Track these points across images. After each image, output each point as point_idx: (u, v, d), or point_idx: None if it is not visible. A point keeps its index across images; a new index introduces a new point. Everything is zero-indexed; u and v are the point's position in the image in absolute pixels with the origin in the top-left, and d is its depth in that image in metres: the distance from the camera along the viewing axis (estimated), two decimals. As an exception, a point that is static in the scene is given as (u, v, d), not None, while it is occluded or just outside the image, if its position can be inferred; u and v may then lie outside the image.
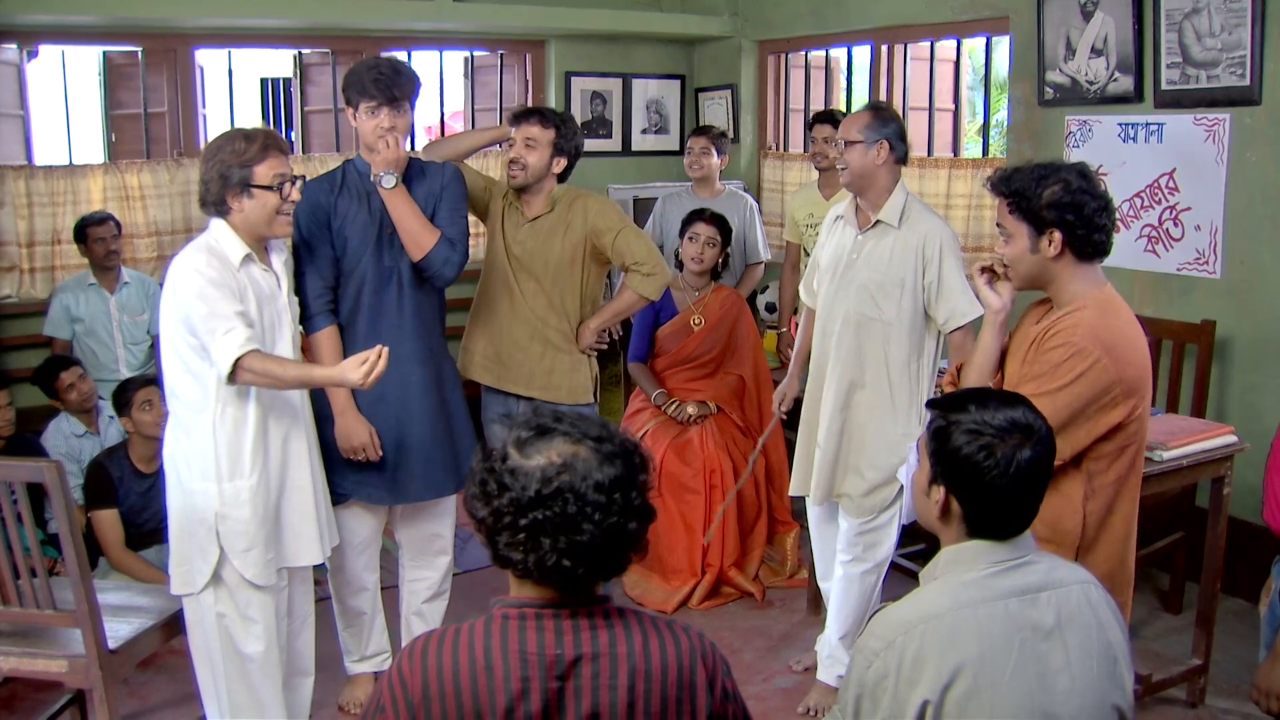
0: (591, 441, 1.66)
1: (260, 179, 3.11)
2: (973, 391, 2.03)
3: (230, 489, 3.12)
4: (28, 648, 3.14)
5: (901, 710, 1.83)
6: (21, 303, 5.66)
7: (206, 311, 3.00)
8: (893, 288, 3.46)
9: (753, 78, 6.94)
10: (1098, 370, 2.52)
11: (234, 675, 3.23)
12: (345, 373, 3.01)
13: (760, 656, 4.12)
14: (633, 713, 1.66)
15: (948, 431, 1.95)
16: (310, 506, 3.31)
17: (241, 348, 2.97)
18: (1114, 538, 2.68)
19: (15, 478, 2.99)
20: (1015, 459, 1.90)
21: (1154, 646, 4.03)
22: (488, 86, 7.01)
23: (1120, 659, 1.93)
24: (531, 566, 1.65)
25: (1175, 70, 4.39)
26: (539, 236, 3.83)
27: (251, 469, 3.14)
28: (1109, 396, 2.53)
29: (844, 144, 3.49)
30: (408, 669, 1.69)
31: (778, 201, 6.75)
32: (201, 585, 3.15)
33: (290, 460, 3.25)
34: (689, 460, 4.65)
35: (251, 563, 3.15)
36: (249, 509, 3.13)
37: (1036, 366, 2.60)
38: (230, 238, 3.13)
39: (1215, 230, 4.37)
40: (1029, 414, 1.96)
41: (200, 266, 3.05)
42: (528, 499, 1.62)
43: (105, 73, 6.02)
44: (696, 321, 4.79)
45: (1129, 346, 2.58)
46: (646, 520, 1.69)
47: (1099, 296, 2.64)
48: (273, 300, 3.21)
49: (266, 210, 3.13)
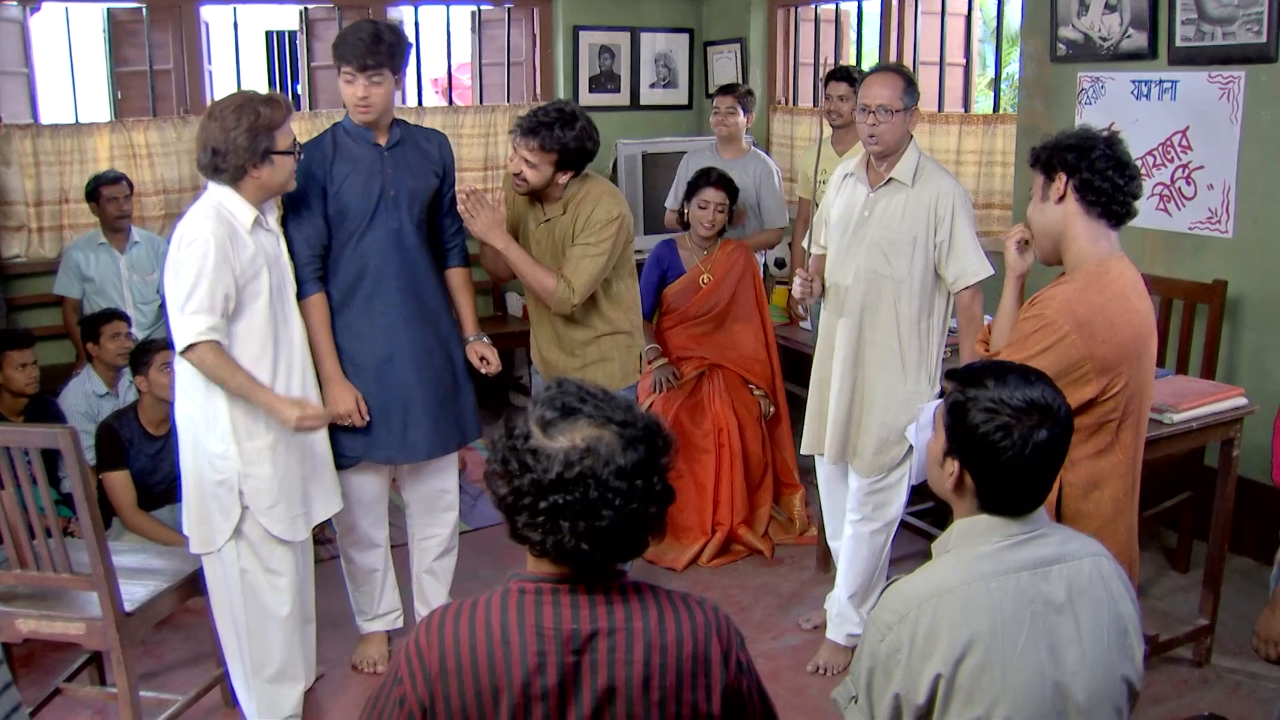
0: (616, 425, 1.65)
1: (281, 145, 3.12)
2: (992, 366, 2.01)
3: (250, 448, 3.16)
4: (46, 610, 3.18)
5: (914, 683, 1.85)
6: (30, 262, 5.67)
7: (194, 282, 3.00)
8: (905, 245, 3.44)
9: (762, 31, 6.88)
10: (1065, 345, 2.49)
11: (257, 630, 3.28)
12: (282, 410, 3.11)
13: (770, 614, 4.15)
14: (648, 687, 1.68)
15: (965, 407, 1.94)
16: (327, 459, 3.42)
17: (200, 335, 3.01)
18: (1101, 516, 2.61)
19: (31, 444, 3.02)
20: (1032, 440, 1.89)
21: (1161, 605, 4.06)
22: (495, 41, 6.95)
23: (1131, 630, 1.94)
24: (550, 548, 1.66)
25: (1190, 27, 4.34)
26: (553, 237, 3.78)
27: (269, 428, 3.17)
28: (1079, 372, 2.50)
29: (884, 112, 3.38)
30: (425, 642, 1.70)
31: (786, 157, 6.71)
32: (221, 543, 3.20)
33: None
34: (698, 419, 4.68)
35: (278, 518, 3.22)
36: (269, 467, 3.18)
37: (1013, 333, 2.62)
38: (238, 202, 3.13)
39: (1228, 189, 4.34)
40: (1048, 393, 1.94)
41: (213, 235, 3.03)
42: (549, 482, 1.62)
43: (110, 29, 5.98)
44: (705, 279, 4.78)
45: (1105, 324, 2.53)
46: (666, 504, 1.69)
47: (1095, 269, 2.59)
48: (278, 260, 3.24)
49: (285, 174, 3.17)
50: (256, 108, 3.08)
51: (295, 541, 3.29)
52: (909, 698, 1.86)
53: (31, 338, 4.35)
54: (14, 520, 3.08)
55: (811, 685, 3.68)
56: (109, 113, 6.07)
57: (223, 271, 3.02)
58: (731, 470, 4.64)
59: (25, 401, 4.27)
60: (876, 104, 3.41)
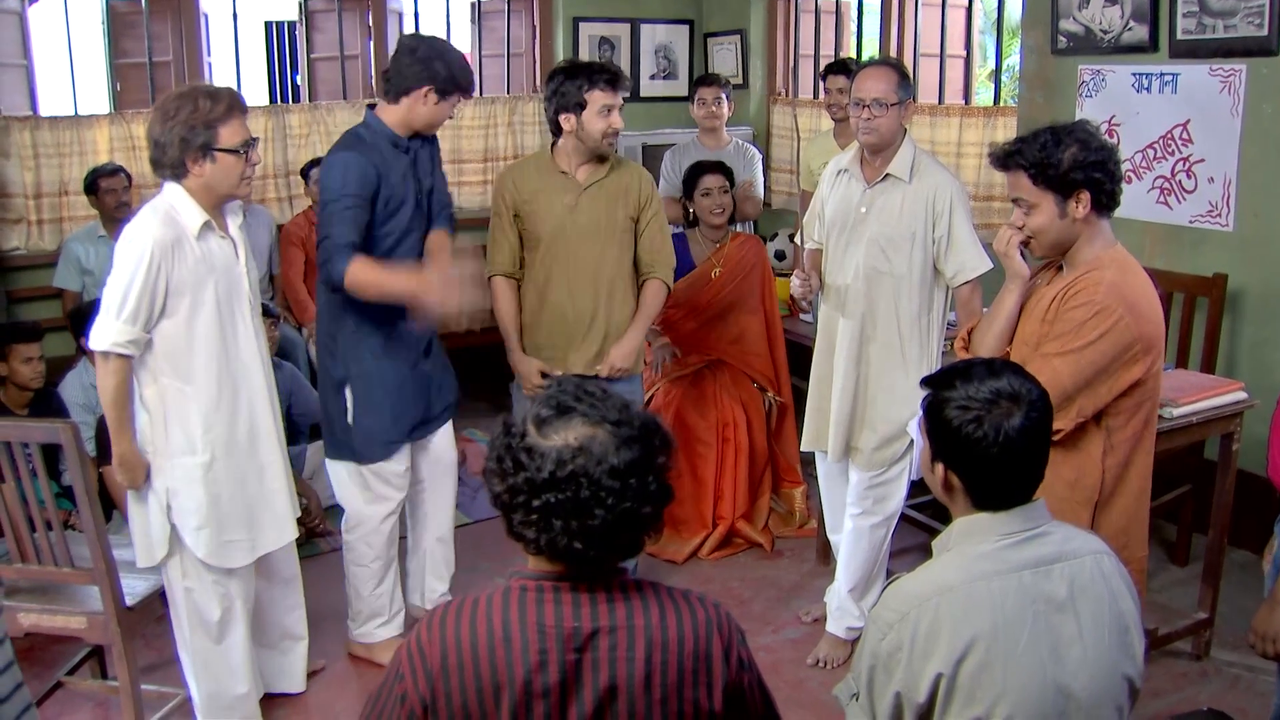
0: (610, 425, 1.66)
1: (225, 142, 2.98)
2: (960, 366, 2.03)
3: (182, 465, 3.05)
4: (47, 604, 3.19)
5: (915, 682, 1.85)
6: (29, 254, 5.67)
7: (126, 287, 2.89)
8: (903, 241, 3.44)
9: (762, 23, 6.86)
10: (1120, 328, 2.56)
11: (202, 648, 3.21)
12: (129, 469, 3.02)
13: (770, 607, 4.16)
14: (650, 684, 1.68)
15: (939, 408, 1.96)
16: (283, 482, 3.27)
17: (117, 345, 2.90)
18: (1130, 491, 2.73)
19: (31, 439, 3.02)
20: (1004, 428, 1.90)
21: (1160, 599, 4.06)
22: (495, 32, 6.95)
23: (1132, 629, 1.94)
24: (544, 546, 1.67)
25: (1191, 19, 4.33)
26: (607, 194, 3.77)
27: (203, 447, 3.05)
28: (1130, 353, 2.58)
29: (879, 106, 3.38)
30: (426, 639, 1.71)
31: (787, 148, 6.71)
32: (160, 557, 3.11)
33: (259, 437, 3.19)
34: (703, 412, 4.68)
35: (203, 542, 3.09)
36: (201, 488, 3.06)
37: (1059, 326, 2.63)
38: (188, 204, 2.99)
39: (1229, 182, 4.33)
40: (1016, 381, 1.95)
41: (159, 239, 2.90)
42: (542, 480, 1.63)
43: (109, 21, 5.96)
44: (716, 272, 4.77)
45: (1146, 303, 2.63)
46: (662, 503, 1.70)
47: (1115, 255, 2.67)
48: (229, 271, 3.08)
49: (231, 176, 3.01)
50: (197, 100, 2.95)
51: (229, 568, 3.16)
52: (910, 696, 1.86)
53: (40, 331, 4.29)
54: (15, 514, 3.08)
55: (811, 679, 3.69)
56: (108, 105, 6.05)
57: (156, 279, 2.91)
58: (735, 465, 4.64)
59: (30, 395, 4.26)
60: (871, 98, 3.40)
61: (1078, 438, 2.67)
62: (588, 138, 3.62)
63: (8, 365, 4.16)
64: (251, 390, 3.16)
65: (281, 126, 6.17)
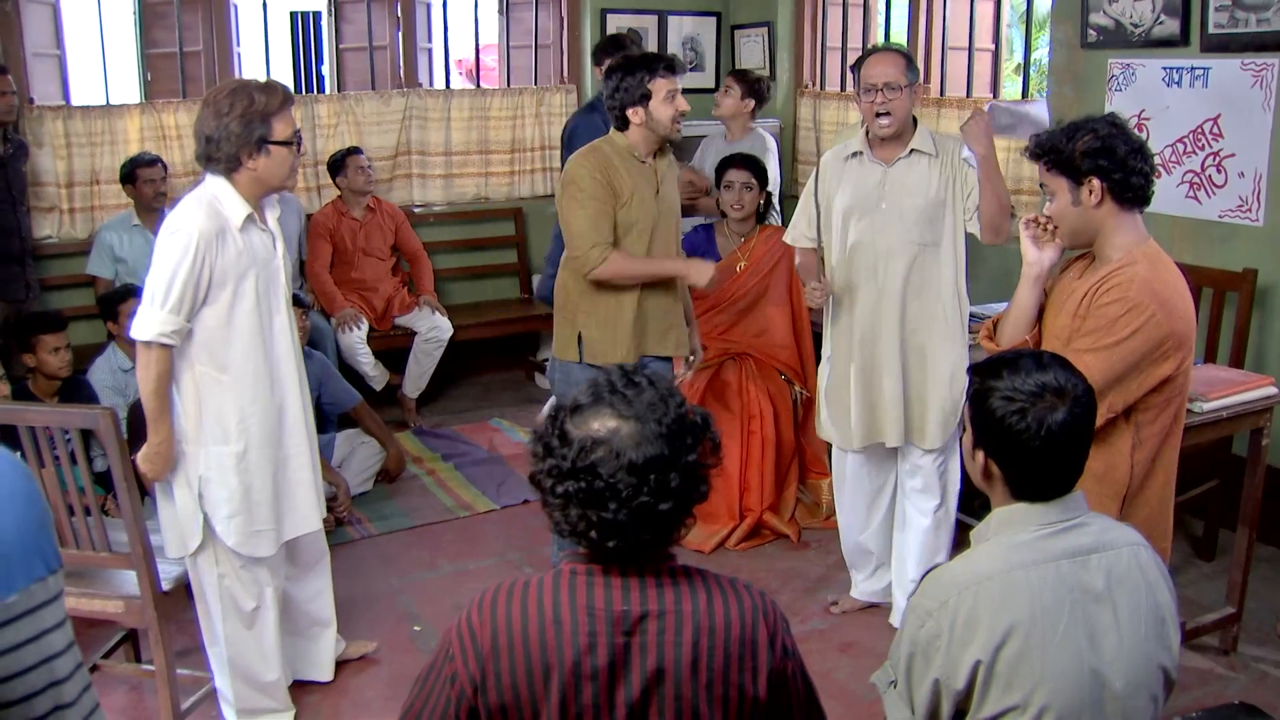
0: (635, 420, 1.66)
1: (278, 135, 2.99)
2: (1008, 356, 2.04)
3: (216, 454, 3.06)
4: (84, 588, 3.23)
5: (954, 669, 1.87)
6: (62, 243, 5.72)
7: (170, 277, 2.90)
8: (938, 209, 3.50)
9: (790, 15, 6.86)
10: (1152, 325, 2.56)
11: (235, 636, 3.23)
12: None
13: (796, 598, 4.18)
14: (696, 669, 1.70)
15: (984, 397, 1.98)
16: (308, 473, 3.27)
17: (161, 335, 2.91)
18: (1156, 484, 2.74)
19: (70, 424, 3.05)
20: (1048, 422, 1.92)
21: (1187, 593, 4.06)
22: (522, 23, 6.96)
23: (1168, 620, 1.96)
24: (566, 531, 1.70)
25: (1224, 13, 4.32)
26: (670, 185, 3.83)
27: (238, 436, 3.07)
28: (1161, 350, 2.58)
29: (891, 90, 3.41)
30: (477, 620, 1.73)
31: (813, 141, 6.70)
32: (194, 547, 3.13)
33: (287, 428, 3.20)
34: (729, 403, 4.69)
35: (234, 530, 3.10)
36: (235, 476, 3.07)
37: (1090, 321, 2.64)
38: (231, 196, 3.00)
39: (1259, 177, 4.32)
40: (1062, 375, 1.96)
41: (203, 229, 2.92)
42: (565, 468, 1.66)
43: (140, 11, 6.00)
44: (741, 265, 4.79)
45: (1179, 300, 2.63)
46: (686, 502, 1.69)
47: (1147, 250, 2.67)
48: (268, 264, 3.10)
49: (283, 168, 3.03)
50: (251, 93, 2.96)
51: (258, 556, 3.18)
52: (948, 683, 1.88)
53: (64, 321, 4.32)
54: (54, 499, 3.11)
55: (840, 669, 3.70)
56: (139, 94, 6.09)
57: (200, 270, 2.92)
58: (762, 457, 4.65)
59: (59, 384, 4.30)
60: (883, 82, 3.43)
61: (1107, 432, 2.67)
62: (658, 126, 3.64)
63: (35, 356, 4.20)
64: (284, 381, 3.18)
65: (311, 117, 6.21)
